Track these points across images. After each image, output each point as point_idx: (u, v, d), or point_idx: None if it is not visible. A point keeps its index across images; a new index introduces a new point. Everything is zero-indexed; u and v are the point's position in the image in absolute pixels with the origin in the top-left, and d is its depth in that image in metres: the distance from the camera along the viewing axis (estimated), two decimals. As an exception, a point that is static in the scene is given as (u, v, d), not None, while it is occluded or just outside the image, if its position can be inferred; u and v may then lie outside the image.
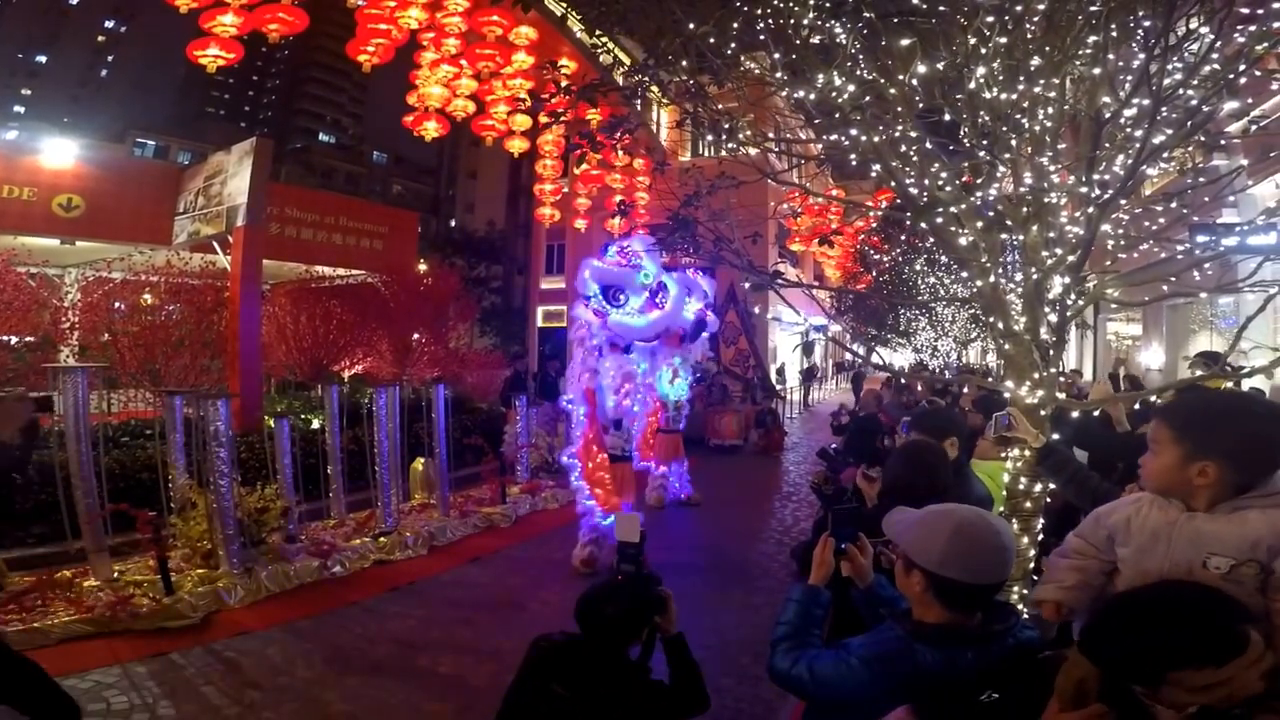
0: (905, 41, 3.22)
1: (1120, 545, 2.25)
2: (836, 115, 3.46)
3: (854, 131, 3.43)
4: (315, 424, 9.43)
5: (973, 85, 3.12)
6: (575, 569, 7.22)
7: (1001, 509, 3.44)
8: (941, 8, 3.17)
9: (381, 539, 7.79)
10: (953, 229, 3.32)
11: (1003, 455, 3.44)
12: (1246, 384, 7.11)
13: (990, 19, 3.02)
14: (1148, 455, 2.20)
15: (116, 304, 11.63)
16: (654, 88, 4.36)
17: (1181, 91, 2.93)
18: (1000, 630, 2.03)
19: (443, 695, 4.79)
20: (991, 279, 3.22)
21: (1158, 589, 1.92)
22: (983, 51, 3.05)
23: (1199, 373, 5.18)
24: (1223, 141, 4.45)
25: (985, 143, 3.18)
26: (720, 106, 4.16)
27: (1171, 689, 1.64)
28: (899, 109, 3.34)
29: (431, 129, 13.89)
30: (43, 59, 77.08)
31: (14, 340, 9.59)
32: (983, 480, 3.91)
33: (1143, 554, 2.13)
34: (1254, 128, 4.70)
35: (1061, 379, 3.71)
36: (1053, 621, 2.45)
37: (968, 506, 2.17)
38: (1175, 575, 1.96)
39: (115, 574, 6.35)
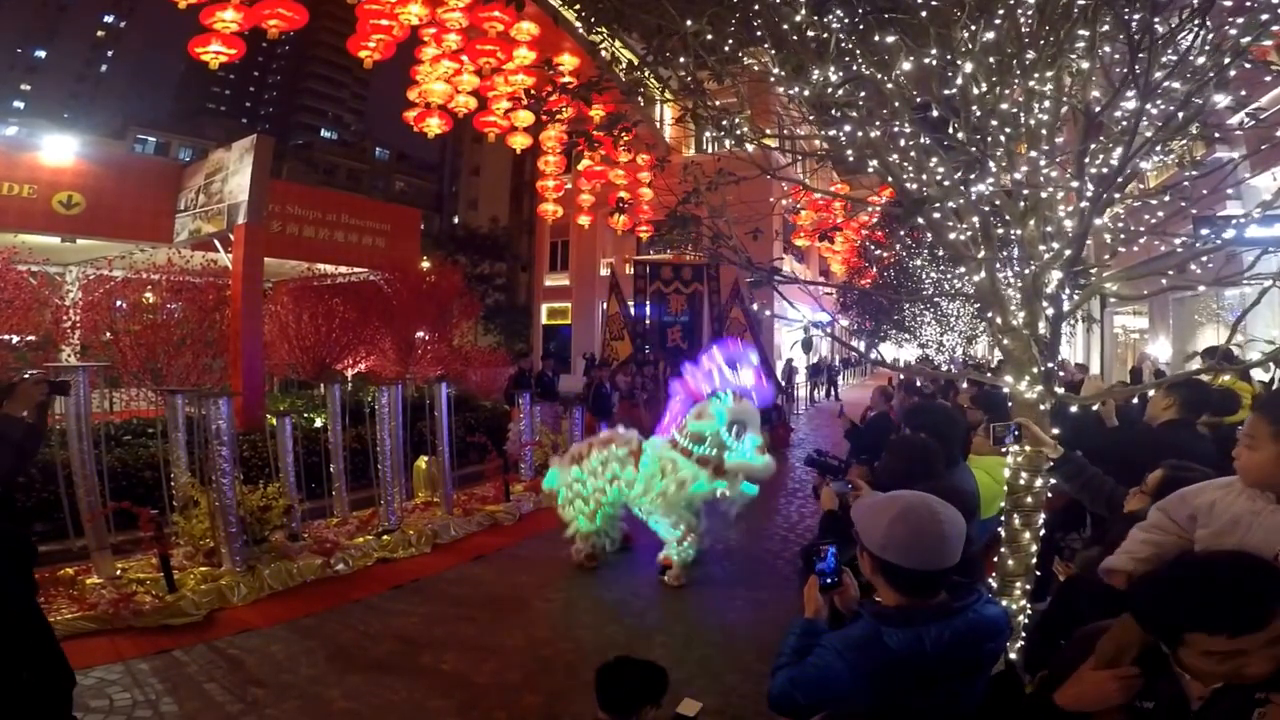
0: (890, 39, 3.21)
1: (1201, 526, 2.27)
2: (833, 110, 3.45)
3: (848, 128, 3.42)
4: (318, 422, 9.45)
5: (960, 81, 3.11)
6: (580, 564, 7.26)
7: (1002, 504, 3.45)
8: (934, 2, 3.16)
9: (385, 537, 7.79)
10: (948, 224, 3.32)
11: (1004, 451, 3.44)
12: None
13: (979, 14, 3.01)
14: (1242, 448, 2.20)
15: (118, 302, 11.64)
16: (654, 82, 4.36)
17: (1169, 85, 2.92)
18: (960, 607, 2.08)
19: (446, 693, 4.79)
20: (983, 274, 3.21)
21: (1211, 554, 1.96)
22: (971, 47, 3.03)
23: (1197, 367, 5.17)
24: (1217, 135, 4.43)
25: (977, 138, 3.17)
26: (719, 103, 4.15)
27: (1186, 650, 1.67)
28: (895, 104, 3.33)
29: (434, 125, 13.91)
30: (42, 54, 76.96)
31: (15, 339, 9.60)
32: (976, 474, 3.93)
33: (1219, 537, 2.14)
34: (1248, 121, 4.67)
35: (1062, 374, 3.71)
36: (1122, 588, 2.47)
37: (918, 494, 2.20)
38: None
39: (118, 571, 6.37)
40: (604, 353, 18.10)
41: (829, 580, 2.36)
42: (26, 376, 4.34)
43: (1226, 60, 2.84)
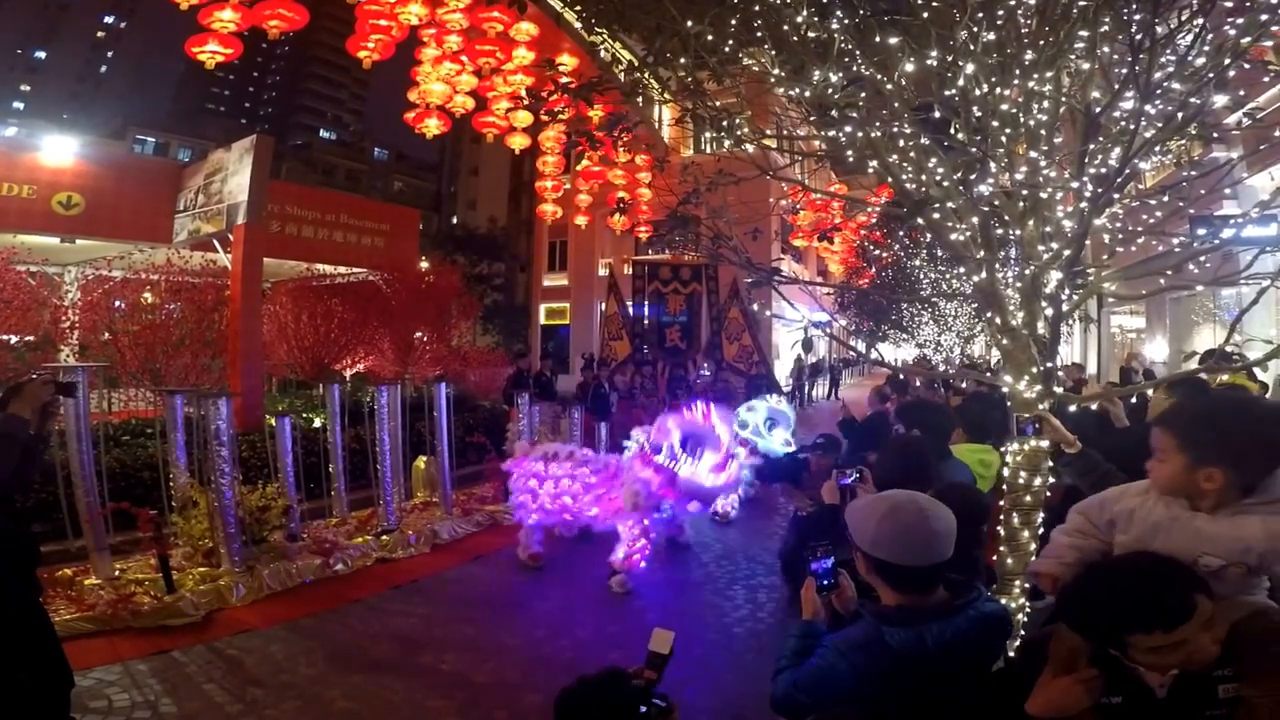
0: (894, 40, 3.22)
1: (1121, 532, 2.33)
2: (832, 111, 3.46)
3: (849, 128, 3.43)
4: (317, 422, 9.44)
5: (961, 82, 3.12)
6: (525, 562, 7.34)
7: (1003, 501, 3.46)
8: (934, 3, 3.17)
9: (384, 537, 7.80)
10: (949, 224, 3.32)
11: (1002, 450, 3.45)
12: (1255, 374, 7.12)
13: (980, 15, 3.02)
14: (1154, 461, 2.27)
15: (117, 303, 11.66)
16: (653, 83, 4.36)
17: (1169, 85, 2.93)
18: (960, 605, 2.11)
19: (445, 693, 4.79)
20: (982, 274, 3.21)
21: (1120, 561, 2.06)
22: (972, 48, 3.04)
23: (1195, 366, 5.19)
24: (1215, 135, 4.45)
25: (978, 138, 3.18)
26: (719, 103, 4.16)
27: (1134, 651, 1.78)
28: (895, 104, 3.33)
29: (433, 126, 13.89)
30: (42, 55, 76.94)
31: (14, 339, 9.61)
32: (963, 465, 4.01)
33: (1139, 544, 2.19)
34: (1245, 121, 4.69)
35: (1060, 373, 3.71)
36: (1049, 593, 2.52)
37: (906, 493, 2.24)
38: None
39: (116, 572, 6.36)
40: (602, 353, 18.11)
41: (826, 582, 2.37)
42: (34, 377, 4.28)
43: (1226, 61, 2.85)
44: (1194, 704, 1.77)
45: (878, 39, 3.25)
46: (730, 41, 3.85)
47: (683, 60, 3.93)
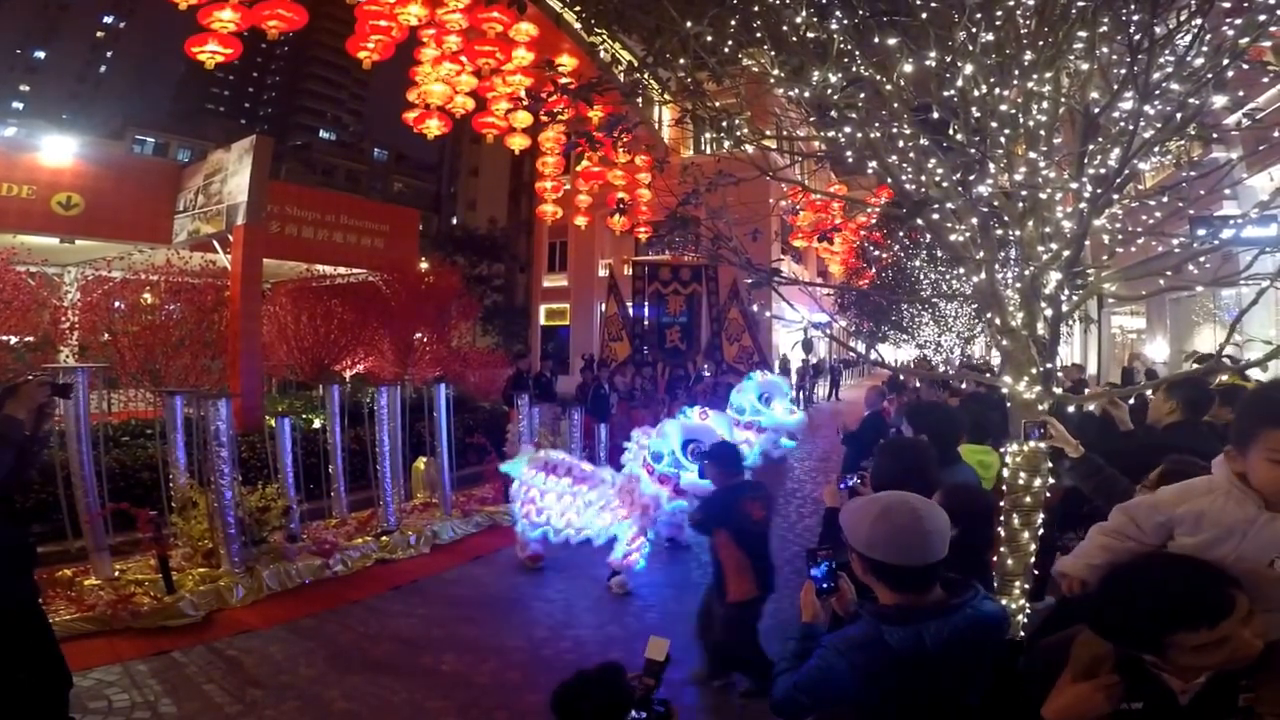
0: (892, 41, 3.22)
1: (1185, 535, 2.18)
2: (832, 112, 3.46)
3: (848, 129, 3.43)
4: (317, 423, 9.45)
5: (960, 83, 3.12)
6: (524, 562, 7.40)
7: (1003, 502, 3.46)
8: (934, 3, 3.17)
9: (383, 538, 7.80)
10: (948, 225, 3.32)
11: (1002, 451, 3.44)
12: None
13: (979, 15, 3.02)
14: (1263, 462, 2.07)
15: (116, 303, 11.66)
16: (653, 84, 4.36)
17: (1168, 85, 2.94)
18: (958, 604, 2.12)
19: (445, 693, 4.79)
20: (982, 275, 3.21)
21: (1148, 563, 2.01)
22: (970, 49, 3.04)
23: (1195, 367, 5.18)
24: (1215, 135, 4.45)
25: (976, 139, 3.18)
26: (718, 104, 4.16)
27: (1174, 652, 1.74)
28: (894, 105, 3.34)
29: (433, 127, 13.88)
30: (41, 55, 76.87)
31: (13, 340, 9.61)
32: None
33: (1210, 546, 2.08)
34: (1245, 121, 4.69)
35: (1060, 374, 3.71)
36: (1070, 594, 2.44)
37: (898, 494, 2.25)
38: (1239, 570, 1.94)
39: (116, 573, 6.36)
40: (602, 354, 18.11)
41: (825, 586, 2.37)
42: (30, 378, 4.28)
43: (1224, 61, 2.85)
44: (1217, 711, 1.75)
45: (877, 39, 3.25)
46: (730, 42, 3.85)
47: (682, 61, 3.93)
